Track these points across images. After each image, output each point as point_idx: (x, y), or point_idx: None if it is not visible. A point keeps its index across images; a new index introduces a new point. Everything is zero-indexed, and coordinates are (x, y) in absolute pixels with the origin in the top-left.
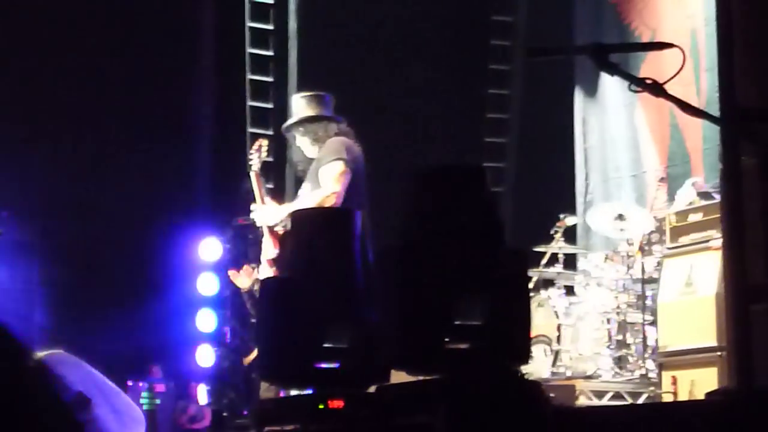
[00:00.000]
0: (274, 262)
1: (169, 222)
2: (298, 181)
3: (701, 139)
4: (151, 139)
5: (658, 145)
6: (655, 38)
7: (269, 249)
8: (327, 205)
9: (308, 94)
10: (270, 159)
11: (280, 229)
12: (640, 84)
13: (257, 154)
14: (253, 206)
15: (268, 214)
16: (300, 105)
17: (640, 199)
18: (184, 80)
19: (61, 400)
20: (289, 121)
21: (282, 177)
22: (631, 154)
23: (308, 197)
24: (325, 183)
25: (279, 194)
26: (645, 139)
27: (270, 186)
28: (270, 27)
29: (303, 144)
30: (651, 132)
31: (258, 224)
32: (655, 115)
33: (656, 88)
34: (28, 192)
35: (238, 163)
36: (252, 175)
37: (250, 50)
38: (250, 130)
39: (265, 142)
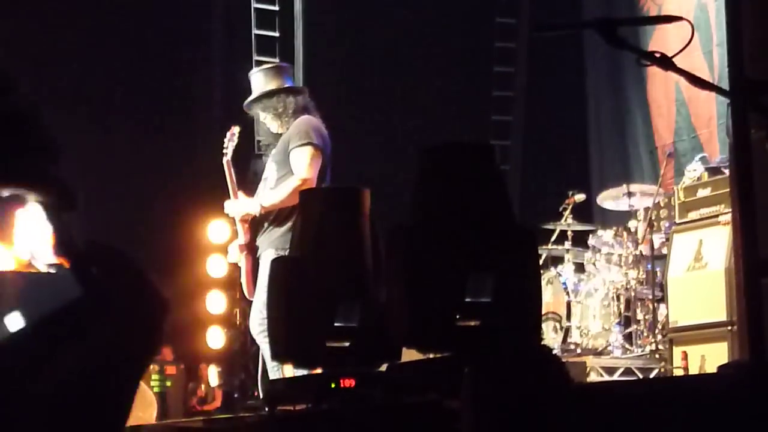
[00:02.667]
0: (246, 247)
1: (178, 204)
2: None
3: (715, 113)
4: (158, 120)
5: (665, 120)
6: (662, 13)
7: (241, 235)
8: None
9: (265, 67)
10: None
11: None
12: (649, 58)
13: (231, 143)
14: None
15: (240, 207)
16: (258, 79)
17: (655, 174)
18: (191, 63)
19: None
20: (249, 99)
21: None
22: (644, 129)
23: (282, 187)
24: (297, 169)
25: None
26: (653, 115)
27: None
28: (276, 8)
29: (266, 120)
30: (658, 108)
31: (230, 215)
32: (661, 90)
33: (665, 62)
34: None
35: (245, 144)
36: (225, 163)
37: (256, 31)
38: None
39: (237, 129)
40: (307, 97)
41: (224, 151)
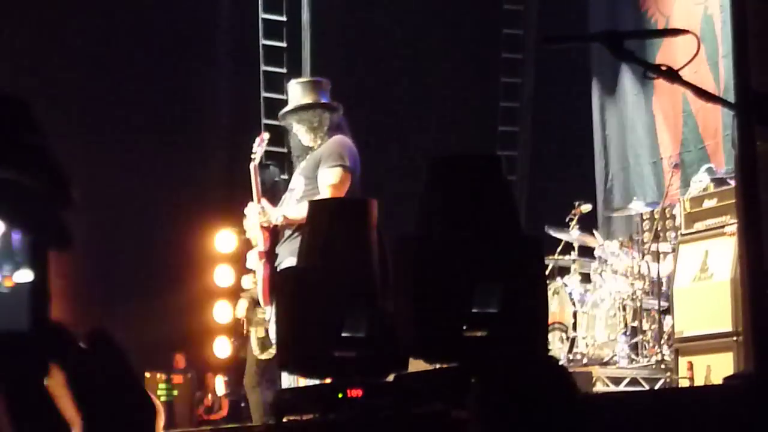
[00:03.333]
0: (265, 255)
1: (186, 214)
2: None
3: (720, 125)
4: (165, 129)
5: (671, 131)
6: (669, 25)
7: (260, 242)
8: None
9: (304, 80)
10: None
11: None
12: (655, 70)
13: (260, 148)
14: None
15: (262, 213)
16: (296, 91)
17: (659, 186)
18: (199, 73)
19: None
20: (285, 109)
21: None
22: (650, 141)
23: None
24: (325, 190)
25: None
26: (659, 126)
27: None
28: (283, 18)
29: (299, 132)
30: (664, 119)
31: (249, 220)
32: (668, 101)
33: (671, 75)
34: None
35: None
36: (252, 168)
37: (263, 42)
38: (265, 121)
39: (266, 135)
40: (341, 115)
41: (252, 156)
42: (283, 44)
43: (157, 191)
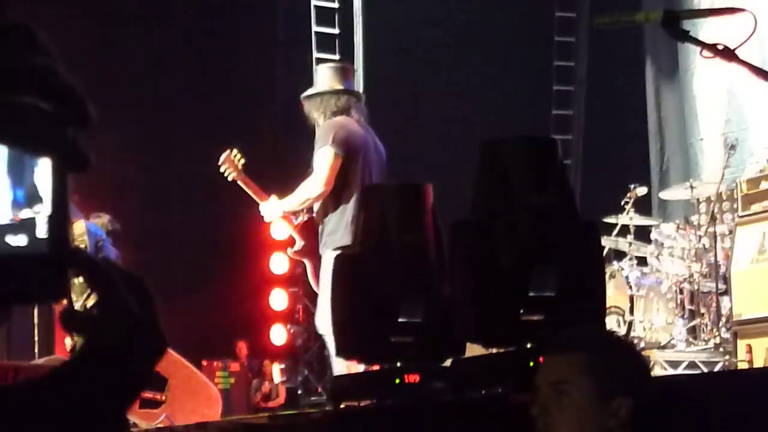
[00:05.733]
0: (304, 252)
1: (240, 202)
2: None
3: (765, 104)
4: (223, 118)
5: (717, 111)
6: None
7: (297, 241)
8: (315, 193)
9: (324, 65)
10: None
11: (301, 220)
12: (712, 50)
13: (229, 166)
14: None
15: (274, 209)
16: (316, 75)
17: (711, 166)
18: (254, 61)
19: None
20: (303, 94)
21: None
22: (702, 121)
23: (299, 189)
24: (315, 171)
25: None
26: (706, 106)
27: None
28: (335, 5)
29: (312, 116)
30: (710, 99)
31: (267, 220)
32: (712, 81)
33: (728, 54)
34: (102, 176)
35: (306, 141)
36: (239, 182)
37: (316, 29)
38: None
39: (234, 152)
40: (351, 99)
41: (226, 176)
42: (336, 31)
43: (213, 180)
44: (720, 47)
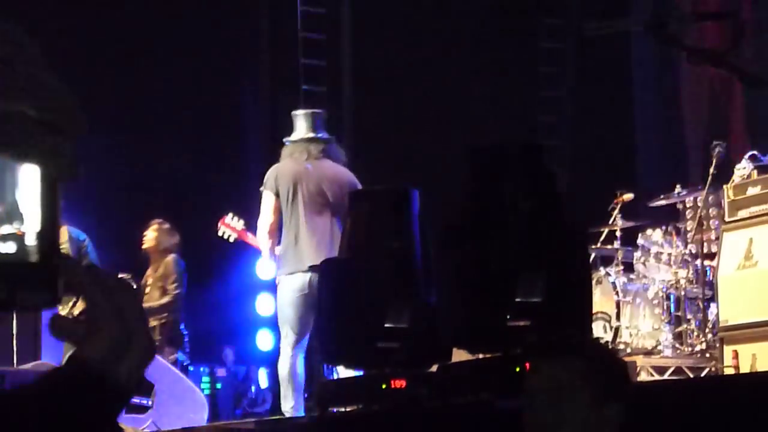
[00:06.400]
0: None
1: (227, 208)
2: None
3: (743, 107)
4: (208, 124)
5: (701, 115)
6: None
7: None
8: (261, 232)
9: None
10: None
11: None
12: (700, 55)
13: (227, 229)
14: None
15: (267, 266)
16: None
17: (701, 173)
18: (238, 69)
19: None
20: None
21: None
22: (688, 127)
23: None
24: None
25: None
26: (689, 113)
27: None
28: (323, 11)
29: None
30: (694, 103)
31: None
32: (696, 86)
33: (716, 59)
34: (89, 178)
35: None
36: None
37: (302, 34)
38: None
39: (230, 216)
40: (294, 144)
41: (226, 238)
42: (323, 37)
43: (199, 188)
44: (708, 53)
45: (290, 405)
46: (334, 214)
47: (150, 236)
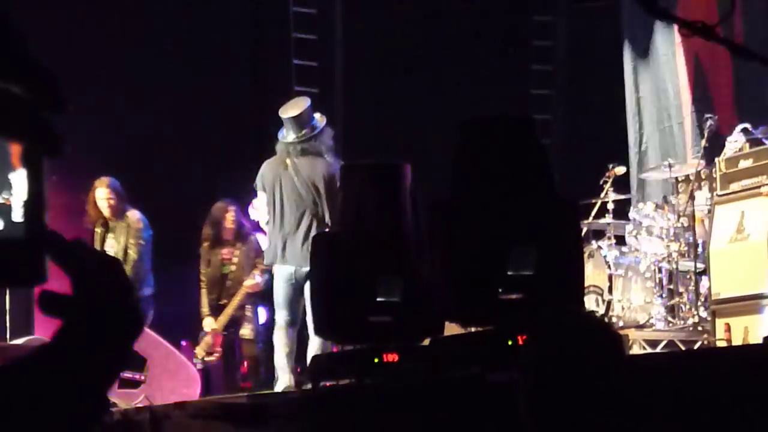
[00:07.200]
0: None
1: (219, 187)
2: None
3: (731, 80)
4: (204, 112)
5: (690, 90)
6: None
7: None
8: (261, 223)
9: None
10: None
11: None
12: (690, 27)
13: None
14: None
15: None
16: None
17: (693, 146)
18: (231, 68)
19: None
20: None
21: None
22: (679, 101)
23: None
24: None
25: None
26: (683, 86)
27: None
28: (314, 11)
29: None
30: (687, 79)
31: None
32: (688, 60)
33: (707, 32)
34: (91, 158)
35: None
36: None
37: (295, 34)
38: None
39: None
40: (279, 144)
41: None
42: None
43: (191, 170)
44: (698, 25)
45: (285, 379)
46: (312, 211)
47: (230, 218)
